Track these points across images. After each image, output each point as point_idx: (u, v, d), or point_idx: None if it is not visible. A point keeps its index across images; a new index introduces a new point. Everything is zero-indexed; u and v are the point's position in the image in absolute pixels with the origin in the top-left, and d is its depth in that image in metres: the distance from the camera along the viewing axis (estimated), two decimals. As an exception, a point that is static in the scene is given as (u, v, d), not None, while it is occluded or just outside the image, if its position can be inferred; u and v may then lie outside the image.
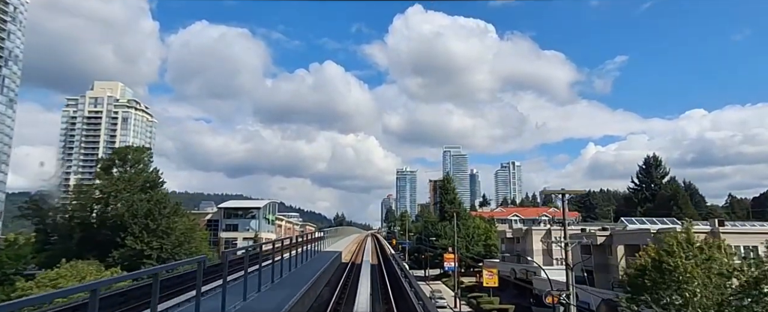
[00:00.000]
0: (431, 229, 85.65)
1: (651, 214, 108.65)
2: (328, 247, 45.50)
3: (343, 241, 71.14)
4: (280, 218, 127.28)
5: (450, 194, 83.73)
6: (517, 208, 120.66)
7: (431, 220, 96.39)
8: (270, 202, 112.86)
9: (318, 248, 36.61)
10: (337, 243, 62.11)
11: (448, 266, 71.47)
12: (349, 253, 60.16)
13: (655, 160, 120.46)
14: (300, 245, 26.90)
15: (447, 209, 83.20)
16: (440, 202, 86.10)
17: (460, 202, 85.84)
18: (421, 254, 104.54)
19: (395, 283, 35.01)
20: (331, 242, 52.84)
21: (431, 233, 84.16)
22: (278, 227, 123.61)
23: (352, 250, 70.15)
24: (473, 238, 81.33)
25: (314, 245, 34.24)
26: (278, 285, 17.17)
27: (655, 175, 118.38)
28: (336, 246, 52.36)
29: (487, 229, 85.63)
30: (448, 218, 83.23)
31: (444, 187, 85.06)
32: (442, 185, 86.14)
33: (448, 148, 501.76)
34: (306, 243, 29.78)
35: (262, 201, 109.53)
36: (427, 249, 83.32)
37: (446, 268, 72.14)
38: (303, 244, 28.40)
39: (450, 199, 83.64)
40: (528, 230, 58.98)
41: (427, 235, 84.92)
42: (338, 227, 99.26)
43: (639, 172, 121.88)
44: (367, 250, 68.83)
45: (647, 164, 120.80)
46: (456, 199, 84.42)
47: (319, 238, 40.42)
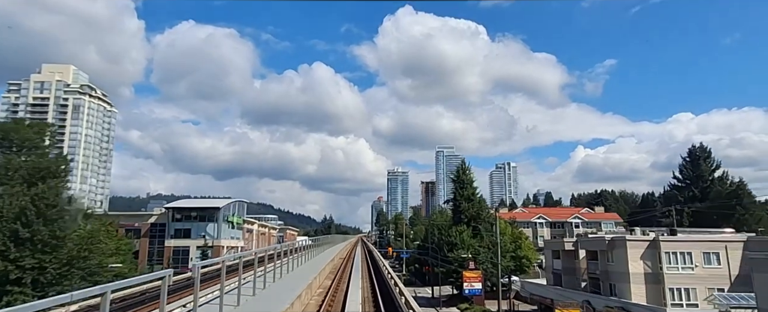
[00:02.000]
0: (442, 236, 64.24)
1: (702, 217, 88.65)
2: (305, 262, 31.36)
3: (326, 254, 49.54)
4: (251, 221, 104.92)
5: (467, 189, 62.60)
6: (541, 208, 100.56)
7: (438, 222, 75.19)
8: (235, 201, 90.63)
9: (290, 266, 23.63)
10: (320, 257, 41.35)
11: (471, 289, 50.51)
12: (331, 273, 39.02)
13: (702, 151, 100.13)
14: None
15: (464, 209, 61.86)
16: (454, 200, 64.66)
17: (482, 198, 64.41)
18: (422, 266, 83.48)
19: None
20: (312, 255, 37.53)
21: (442, 241, 62.68)
22: (247, 233, 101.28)
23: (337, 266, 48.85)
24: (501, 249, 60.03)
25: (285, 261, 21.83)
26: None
27: (705, 169, 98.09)
28: (316, 261, 32.60)
29: (516, 236, 64.51)
30: (465, 221, 61.92)
31: (459, 179, 63.87)
32: (456, 178, 64.86)
33: (441, 148, 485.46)
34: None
35: (223, 200, 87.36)
36: (436, 263, 61.97)
37: (468, 291, 50.93)
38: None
39: (467, 195, 62.43)
40: (615, 241, 36.95)
41: (437, 244, 63.50)
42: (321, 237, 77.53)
43: (683, 165, 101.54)
44: (355, 276, 47.12)
45: (693, 155, 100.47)
46: (476, 196, 63.28)
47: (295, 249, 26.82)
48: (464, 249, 58.95)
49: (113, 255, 50.23)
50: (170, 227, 79.51)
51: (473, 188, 63.79)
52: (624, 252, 33.29)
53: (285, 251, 25.16)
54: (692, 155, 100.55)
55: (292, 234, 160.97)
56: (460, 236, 60.16)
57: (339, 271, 42.28)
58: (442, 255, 60.22)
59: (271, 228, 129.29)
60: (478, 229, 60.91)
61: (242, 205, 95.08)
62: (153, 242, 79.44)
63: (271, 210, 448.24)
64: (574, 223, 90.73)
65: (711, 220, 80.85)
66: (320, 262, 34.31)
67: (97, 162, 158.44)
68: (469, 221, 61.34)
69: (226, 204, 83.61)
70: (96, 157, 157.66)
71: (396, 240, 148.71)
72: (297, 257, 29.27)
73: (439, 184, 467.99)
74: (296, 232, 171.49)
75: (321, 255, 42.63)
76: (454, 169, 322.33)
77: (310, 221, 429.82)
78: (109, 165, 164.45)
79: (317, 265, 31.42)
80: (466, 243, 59.32)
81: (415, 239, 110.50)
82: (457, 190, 63.67)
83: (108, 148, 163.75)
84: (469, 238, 59.66)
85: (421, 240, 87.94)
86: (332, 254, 51.00)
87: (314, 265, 31.21)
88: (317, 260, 35.37)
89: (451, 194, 66.27)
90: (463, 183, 63.33)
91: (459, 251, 58.31)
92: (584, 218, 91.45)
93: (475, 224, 61.26)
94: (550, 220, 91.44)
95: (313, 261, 33.88)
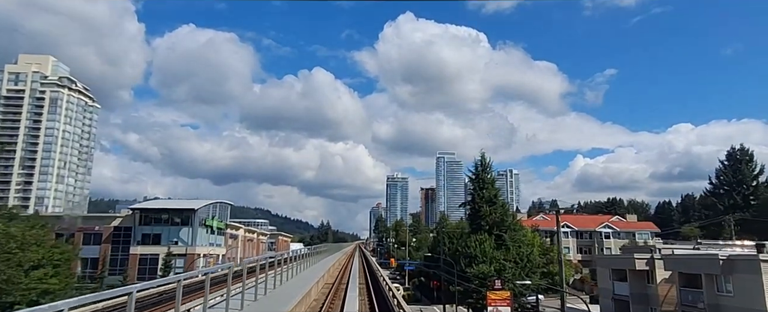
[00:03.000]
0: (457, 246, 53.12)
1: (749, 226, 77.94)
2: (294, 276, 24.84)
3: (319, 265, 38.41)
4: (235, 226, 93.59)
5: (488, 189, 51.50)
6: (564, 216, 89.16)
7: (450, 229, 64.33)
8: (215, 202, 79.42)
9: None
10: (312, 269, 30.61)
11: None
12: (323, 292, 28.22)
13: (743, 153, 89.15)
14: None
15: (484, 214, 50.66)
16: (472, 203, 53.47)
17: (504, 202, 53.00)
18: (430, 279, 72.41)
19: None
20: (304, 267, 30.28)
21: (458, 252, 51.48)
22: (231, 239, 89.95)
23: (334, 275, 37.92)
24: (528, 263, 48.97)
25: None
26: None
27: (746, 174, 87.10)
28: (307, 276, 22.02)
29: (546, 248, 53.39)
30: (486, 228, 50.76)
31: (478, 178, 52.72)
32: (474, 176, 53.66)
33: (442, 154, 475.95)
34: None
35: (200, 201, 76.14)
36: (450, 278, 50.80)
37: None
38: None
39: (488, 197, 51.29)
40: (738, 262, 24.54)
41: (452, 256, 52.26)
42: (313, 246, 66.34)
43: (721, 170, 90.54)
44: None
45: (732, 159, 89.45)
46: (498, 198, 52.08)
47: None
48: (486, 263, 47.82)
49: (40, 267, 39.00)
50: (137, 232, 68.25)
51: (495, 189, 52.68)
52: (756, 279, 21.98)
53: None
54: (732, 158, 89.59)
55: (284, 241, 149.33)
56: (480, 247, 48.96)
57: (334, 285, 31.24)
58: (458, 269, 49.00)
59: (260, 234, 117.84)
60: (501, 239, 49.76)
61: (224, 207, 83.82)
62: (116, 249, 68.17)
63: (268, 215, 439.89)
64: (603, 233, 79.55)
65: (761, 230, 70.21)
66: (324, 265, 23.42)
67: (76, 161, 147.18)
68: (491, 228, 50.18)
69: (203, 205, 72.34)
70: (75, 156, 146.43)
71: (397, 248, 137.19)
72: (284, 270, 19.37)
73: (439, 190, 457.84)
74: (289, 238, 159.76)
75: (323, 261, 31.74)
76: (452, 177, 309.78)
77: (308, 227, 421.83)
78: (89, 164, 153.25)
79: (322, 268, 20.57)
80: (488, 255, 48.16)
81: (419, 248, 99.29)
82: (476, 191, 52.53)
83: (89, 146, 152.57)
84: (492, 250, 48.49)
85: (428, 249, 76.75)
86: (324, 267, 39.84)
87: (319, 268, 20.47)
88: (321, 264, 24.56)
89: (469, 195, 54.97)
90: (483, 182, 52.25)
91: (480, 266, 47.14)
92: (616, 227, 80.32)
93: (498, 232, 50.10)
94: (576, 228, 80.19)
95: (320, 264, 23.08)
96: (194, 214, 69.42)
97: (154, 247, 67.73)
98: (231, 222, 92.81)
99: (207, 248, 74.29)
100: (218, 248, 79.18)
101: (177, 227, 69.80)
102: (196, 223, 69.62)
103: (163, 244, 68.71)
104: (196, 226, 69.59)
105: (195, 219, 69.67)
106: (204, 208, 72.79)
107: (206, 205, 73.74)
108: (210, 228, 75.24)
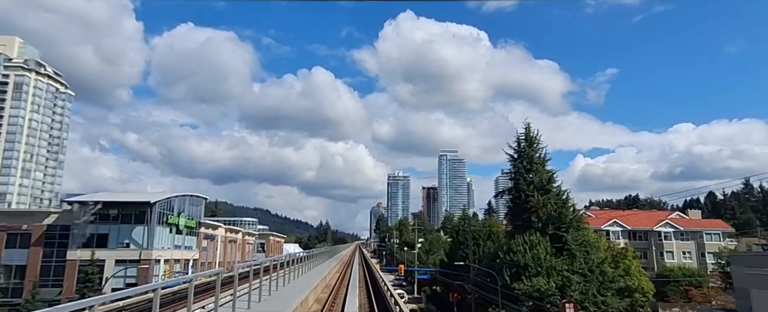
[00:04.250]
0: (497, 251, 38.63)
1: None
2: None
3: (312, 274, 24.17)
4: (211, 224, 79.00)
5: (539, 172, 36.96)
6: (612, 211, 74.39)
7: (480, 228, 49.91)
8: (184, 195, 65.13)
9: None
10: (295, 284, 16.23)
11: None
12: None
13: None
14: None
15: (535, 205, 36.09)
16: (515, 190, 38.88)
17: (561, 190, 38.06)
18: (448, 290, 58.61)
19: None
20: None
21: (502, 260, 36.81)
22: (208, 240, 75.41)
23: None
24: (600, 275, 34.41)
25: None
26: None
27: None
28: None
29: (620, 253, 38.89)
30: (538, 227, 36.21)
31: (523, 157, 38.18)
32: (517, 154, 39.05)
33: (444, 152, 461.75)
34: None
35: (161, 193, 61.77)
36: (488, 296, 36.38)
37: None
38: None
39: (539, 182, 36.86)
40: None
41: (490, 264, 37.77)
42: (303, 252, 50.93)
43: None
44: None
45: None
46: (554, 184, 37.45)
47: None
48: (542, 275, 33.31)
49: None
50: (77, 232, 53.74)
51: (547, 171, 38.17)
52: None
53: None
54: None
55: (276, 242, 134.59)
56: (530, 252, 34.40)
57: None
58: (501, 280, 34.49)
59: (246, 234, 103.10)
60: (561, 240, 35.21)
61: (197, 201, 69.30)
62: (50, 253, 53.67)
63: (268, 215, 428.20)
64: (663, 233, 64.83)
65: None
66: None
67: (45, 153, 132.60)
68: (544, 227, 35.67)
69: (163, 198, 57.76)
70: (43, 147, 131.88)
71: (401, 250, 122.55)
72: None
73: (441, 189, 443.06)
74: (282, 239, 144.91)
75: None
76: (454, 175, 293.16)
77: (308, 227, 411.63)
78: (61, 156, 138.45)
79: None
80: (543, 264, 33.65)
81: (429, 250, 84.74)
82: (520, 174, 37.99)
83: (60, 137, 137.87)
84: (549, 256, 33.96)
85: (444, 253, 62.19)
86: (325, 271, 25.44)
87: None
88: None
89: (511, 179, 40.16)
90: (531, 162, 37.79)
91: (534, 279, 32.65)
92: (678, 226, 65.67)
93: (555, 231, 35.57)
94: (628, 227, 65.36)
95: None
96: (151, 209, 54.86)
97: (99, 250, 53.22)
98: (207, 220, 78.31)
99: (171, 251, 59.80)
100: (187, 251, 64.66)
101: (129, 226, 55.27)
102: (153, 221, 55.07)
103: (112, 247, 54.27)
104: (154, 224, 55.03)
105: (152, 215, 55.12)
106: (165, 202, 58.23)
107: (167, 199, 59.16)
108: (174, 227, 60.75)
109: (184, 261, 63.69)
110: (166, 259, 58.30)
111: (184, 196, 65.34)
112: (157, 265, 56.05)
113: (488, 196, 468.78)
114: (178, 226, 61.62)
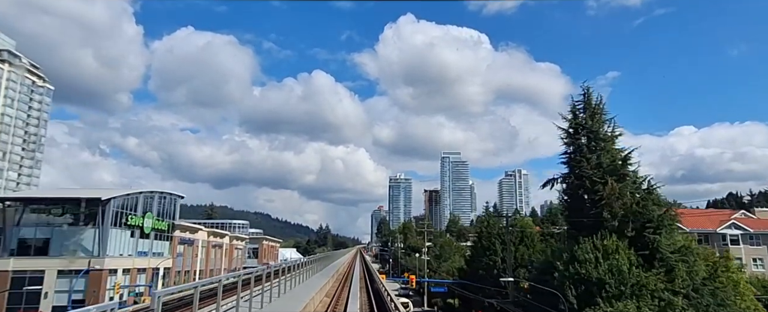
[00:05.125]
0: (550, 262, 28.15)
1: None
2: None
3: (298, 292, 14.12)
4: (190, 227, 68.47)
5: (608, 152, 26.61)
6: (728, 210, 62.66)
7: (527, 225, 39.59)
8: (152, 192, 54.89)
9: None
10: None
11: None
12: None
13: None
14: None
15: (606, 194, 25.67)
16: (573, 175, 28.39)
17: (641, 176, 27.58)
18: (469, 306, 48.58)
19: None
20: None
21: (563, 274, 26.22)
22: (186, 245, 64.93)
23: None
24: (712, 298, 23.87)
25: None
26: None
27: None
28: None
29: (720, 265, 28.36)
30: (610, 227, 25.71)
31: (581, 129, 27.91)
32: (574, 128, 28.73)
33: (446, 154, 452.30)
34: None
35: (117, 190, 51.60)
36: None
37: None
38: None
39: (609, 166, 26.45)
40: None
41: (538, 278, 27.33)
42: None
43: None
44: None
45: None
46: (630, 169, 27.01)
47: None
48: (627, 295, 22.88)
49: None
50: (10, 235, 43.41)
51: (620, 150, 27.83)
52: None
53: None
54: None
55: (271, 246, 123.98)
56: (605, 263, 23.93)
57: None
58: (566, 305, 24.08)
59: (234, 238, 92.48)
60: (646, 246, 24.76)
61: (170, 200, 58.94)
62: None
63: (268, 219, 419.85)
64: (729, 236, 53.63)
65: None
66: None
67: (20, 150, 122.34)
68: (621, 226, 25.33)
69: (120, 195, 47.36)
70: (18, 144, 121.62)
71: (405, 255, 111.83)
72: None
73: (443, 192, 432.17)
74: (277, 243, 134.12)
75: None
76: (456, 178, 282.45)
77: (309, 231, 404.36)
78: (38, 155, 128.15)
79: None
80: (627, 280, 23.21)
81: (440, 256, 74.27)
82: (582, 154, 27.69)
83: (37, 134, 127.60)
84: (635, 269, 23.52)
85: (465, 261, 51.70)
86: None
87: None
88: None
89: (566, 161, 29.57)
90: (595, 136, 27.51)
91: (623, 304, 22.23)
92: (747, 227, 54.49)
93: (639, 233, 25.15)
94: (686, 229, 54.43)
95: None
96: (104, 208, 44.49)
97: (37, 259, 42.94)
98: (184, 222, 67.99)
99: (133, 259, 49.37)
100: (157, 259, 54.21)
101: (77, 228, 44.94)
102: (107, 222, 44.70)
103: (53, 255, 43.86)
104: (107, 226, 44.65)
105: (106, 215, 44.75)
106: (124, 200, 47.83)
107: (128, 196, 48.71)
108: (138, 229, 50.35)
109: (152, 270, 53.28)
110: (125, 269, 47.91)
111: (152, 192, 55.02)
112: (113, 277, 45.69)
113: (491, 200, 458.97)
114: (143, 228, 51.24)
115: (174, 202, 60.33)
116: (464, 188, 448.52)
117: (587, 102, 29.46)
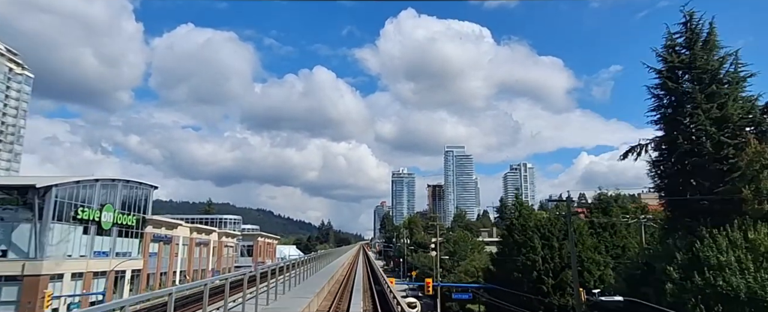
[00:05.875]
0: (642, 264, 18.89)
1: None
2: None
3: None
4: (168, 222, 59.39)
5: (734, 100, 18.05)
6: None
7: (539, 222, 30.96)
8: (113, 180, 45.74)
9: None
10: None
11: None
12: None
13: None
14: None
15: (743, 161, 16.65)
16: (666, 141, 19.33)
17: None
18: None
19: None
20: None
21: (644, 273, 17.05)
22: (162, 243, 55.95)
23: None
24: None
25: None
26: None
27: None
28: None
29: None
30: (748, 212, 16.47)
31: (689, 67, 19.15)
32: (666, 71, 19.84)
33: (450, 148, 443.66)
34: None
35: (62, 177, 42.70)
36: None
37: None
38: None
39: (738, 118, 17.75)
40: None
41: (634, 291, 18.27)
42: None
43: None
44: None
45: None
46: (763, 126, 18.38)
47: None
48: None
49: None
50: None
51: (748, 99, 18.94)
52: None
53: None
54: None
55: (268, 243, 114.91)
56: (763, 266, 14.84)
57: None
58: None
59: (223, 234, 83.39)
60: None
61: (138, 189, 49.94)
62: None
63: (271, 216, 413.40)
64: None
65: None
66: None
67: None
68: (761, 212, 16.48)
69: (67, 183, 38.30)
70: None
71: (413, 252, 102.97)
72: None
73: (447, 187, 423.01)
74: (275, 240, 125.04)
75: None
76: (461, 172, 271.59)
77: (311, 228, 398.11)
78: (16, 147, 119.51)
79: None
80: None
81: (454, 253, 65.33)
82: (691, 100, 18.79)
83: (15, 125, 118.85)
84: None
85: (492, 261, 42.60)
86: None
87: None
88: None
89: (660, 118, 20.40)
90: (712, 78, 18.61)
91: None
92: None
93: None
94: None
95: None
96: (42, 198, 35.51)
97: (-42, 262, 33.93)
98: (159, 217, 59.01)
99: (87, 261, 40.40)
100: (119, 260, 45.21)
101: (10, 224, 36.00)
102: (46, 215, 35.73)
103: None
104: (47, 221, 35.69)
105: (47, 207, 35.78)
106: (71, 188, 38.82)
107: (77, 183, 39.65)
108: (94, 224, 41.38)
109: (115, 274, 44.35)
110: (75, 273, 38.95)
111: (114, 181, 45.97)
112: (58, 283, 36.75)
113: (495, 195, 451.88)
114: (101, 223, 42.29)
115: (145, 193, 51.39)
116: (469, 182, 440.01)
117: (691, 32, 20.19)
